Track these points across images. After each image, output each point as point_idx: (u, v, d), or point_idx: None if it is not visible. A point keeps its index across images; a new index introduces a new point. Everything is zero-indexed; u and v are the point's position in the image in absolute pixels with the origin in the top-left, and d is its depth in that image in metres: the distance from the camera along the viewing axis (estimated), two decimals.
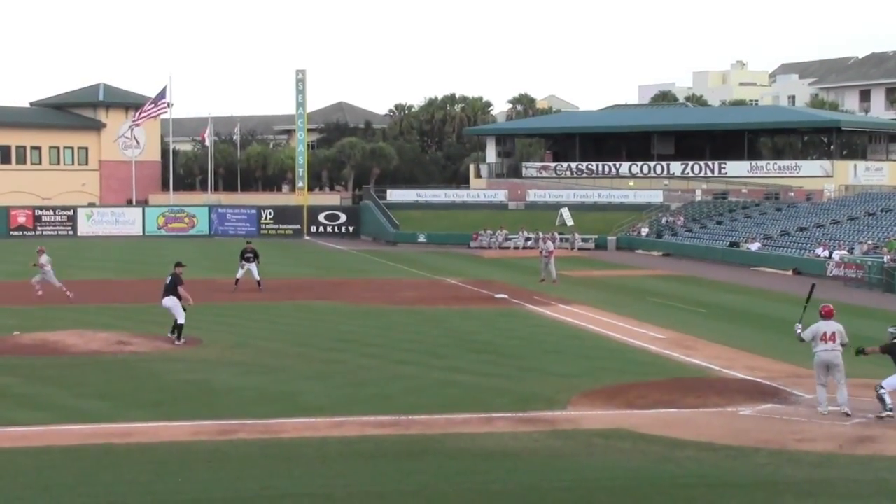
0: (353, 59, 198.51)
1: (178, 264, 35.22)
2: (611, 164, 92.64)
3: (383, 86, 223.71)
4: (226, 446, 21.69)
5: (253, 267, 48.02)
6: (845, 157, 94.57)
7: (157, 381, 28.58)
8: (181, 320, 33.74)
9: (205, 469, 20.23)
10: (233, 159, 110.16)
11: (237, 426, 22.92)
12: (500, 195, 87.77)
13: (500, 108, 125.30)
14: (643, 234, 76.83)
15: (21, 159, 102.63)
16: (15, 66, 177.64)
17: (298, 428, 22.97)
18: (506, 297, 46.00)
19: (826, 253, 61.19)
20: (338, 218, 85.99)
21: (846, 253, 60.07)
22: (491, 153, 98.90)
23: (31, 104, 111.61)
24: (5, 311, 41.01)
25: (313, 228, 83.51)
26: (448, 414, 24.26)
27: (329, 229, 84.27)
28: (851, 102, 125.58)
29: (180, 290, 33.96)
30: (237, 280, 47.95)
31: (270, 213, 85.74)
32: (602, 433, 22.83)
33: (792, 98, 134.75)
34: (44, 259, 45.94)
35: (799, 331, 24.44)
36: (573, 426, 23.60)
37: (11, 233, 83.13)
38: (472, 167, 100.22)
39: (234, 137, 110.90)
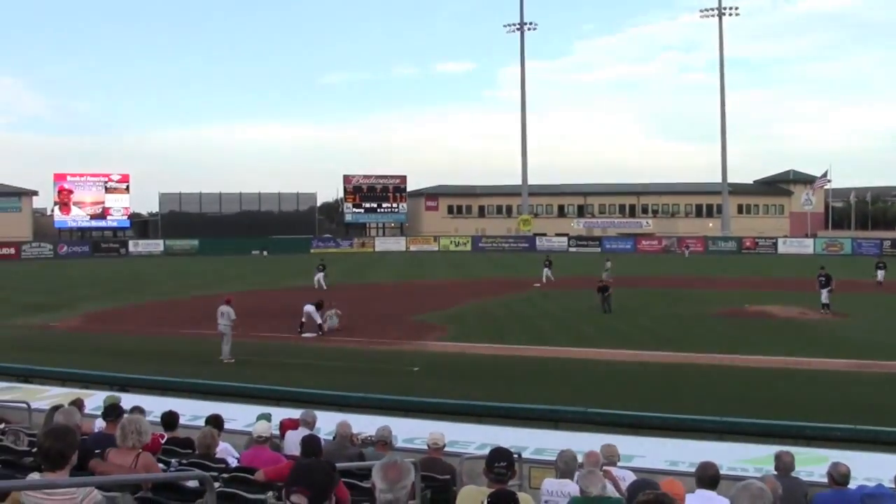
0: None
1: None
2: None
3: None
4: (861, 375, 21.02)
5: (881, 273, 44.66)
6: None
7: (814, 331, 27.84)
8: (824, 300, 32.93)
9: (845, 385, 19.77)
10: (866, 210, 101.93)
11: (870, 364, 22.04)
12: None
13: None
14: None
15: (744, 211, 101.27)
16: (741, 156, 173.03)
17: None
18: None
19: None
20: None
21: None
22: None
23: (754, 181, 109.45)
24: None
25: None
26: None
27: None
28: None
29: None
30: (879, 282, 43.98)
31: (888, 243, 77.90)
32: None
33: None
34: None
35: None
36: None
37: (743, 252, 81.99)
38: None
39: (867, 198, 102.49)
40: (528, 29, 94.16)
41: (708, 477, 6.89)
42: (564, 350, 24.63)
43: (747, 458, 10.75)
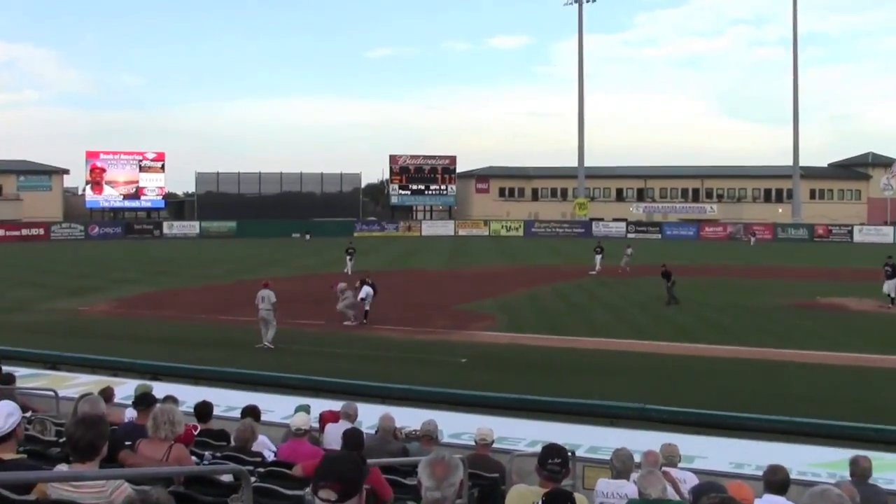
0: None
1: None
2: None
3: None
4: None
5: None
6: None
7: (892, 326, 27.45)
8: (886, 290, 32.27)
9: None
10: None
11: None
12: None
13: None
14: None
15: (817, 196, 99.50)
16: (815, 137, 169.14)
17: None
18: None
19: None
20: None
21: None
22: None
23: (828, 165, 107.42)
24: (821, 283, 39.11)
25: None
26: None
27: None
28: None
29: None
30: None
31: None
32: None
33: None
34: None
35: None
36: None
37: (815, 240, 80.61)
38: None
39: None
40: (587, 1, 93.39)
41: (777, 481, 6.75)
42: (622, 342, 24.45)
43: (820, 462, 10.60)
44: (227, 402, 12.71)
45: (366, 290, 28.30)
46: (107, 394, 9.97)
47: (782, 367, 21.36)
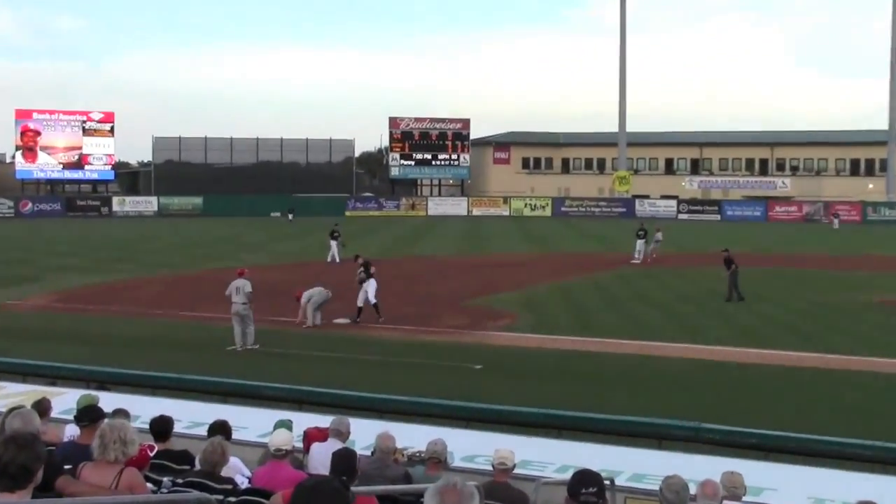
0: None
1: None
2: None
3: None
4: None
5: None
6: None
7: None
8: None
9: None
10: None
11: None
12: None
13: None
14: None
15: None
16: None
17: None
18: None
19: None
20: None
21: None
22: None
23: None
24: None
25: None
26: None
27: None
28: None
29: None
30: None
31: None
32: None
33: None
34: None
35: None
36: None
37: None
38: None
39: None
40: None
41: None
42: (672, 346, 24.37)
43: None
44: (191, 416, 12.70)
45: (373, 286, 28.16)
46: (42, 407, 9.95)
47: (873, 378, 21.20)
